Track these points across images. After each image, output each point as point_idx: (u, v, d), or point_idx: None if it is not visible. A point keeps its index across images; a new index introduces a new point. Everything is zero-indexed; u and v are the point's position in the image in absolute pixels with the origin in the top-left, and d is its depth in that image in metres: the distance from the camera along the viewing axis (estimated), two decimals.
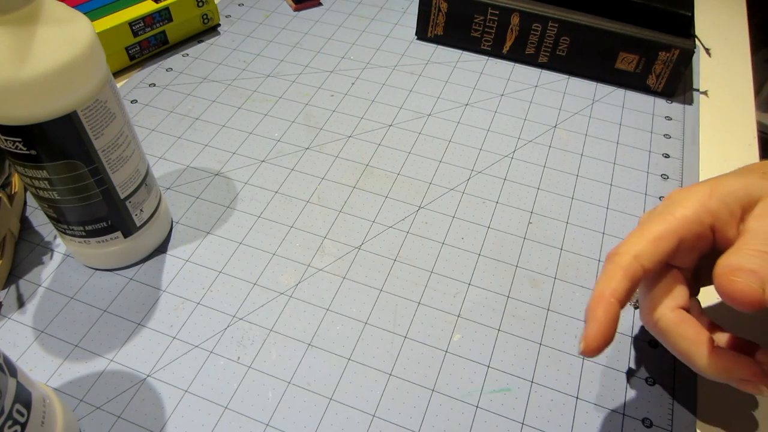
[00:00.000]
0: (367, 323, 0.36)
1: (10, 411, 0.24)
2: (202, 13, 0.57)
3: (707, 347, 0.28)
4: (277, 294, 0.38)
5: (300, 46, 0.58)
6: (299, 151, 0.47)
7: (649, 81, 0.52)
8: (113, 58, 0.53)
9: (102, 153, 0.32)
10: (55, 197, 0.33)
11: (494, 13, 0.53)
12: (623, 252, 0.28)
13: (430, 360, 0.35)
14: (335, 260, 0.39)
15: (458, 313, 0.37)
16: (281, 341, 0.35)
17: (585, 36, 0.52)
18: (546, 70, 0.55)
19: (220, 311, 0.37)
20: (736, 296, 0.25)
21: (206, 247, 0.40)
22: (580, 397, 0.33)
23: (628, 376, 0.34)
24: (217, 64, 0.55)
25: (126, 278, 0.38)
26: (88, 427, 0.32)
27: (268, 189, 0.44)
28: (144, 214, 0.37)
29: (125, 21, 0.52)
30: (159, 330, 0.36)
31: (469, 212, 0.43)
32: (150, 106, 0.51)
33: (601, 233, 0.41)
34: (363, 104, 0.51)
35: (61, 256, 0.39)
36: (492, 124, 0.50)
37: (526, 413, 0.33)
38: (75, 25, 0.29)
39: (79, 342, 0.35)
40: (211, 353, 0.35)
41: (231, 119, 0.50)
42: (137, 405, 0.32)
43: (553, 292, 0.38)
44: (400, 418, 0.32)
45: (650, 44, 0.50)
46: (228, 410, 0.32)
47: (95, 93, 0.30)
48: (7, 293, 0.37)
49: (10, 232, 0.39)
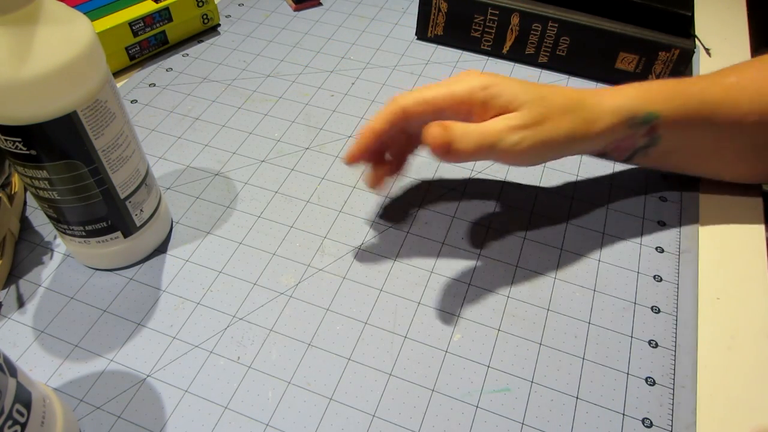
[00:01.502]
0: (367, 323, 0.36)
1: (10, 411, 0.24)
2: (202, 13, 0.57)
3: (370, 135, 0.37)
4: (277, 294, 0.38)
5: (300, 46, 0.58)
6: (299, 151, 0.47)
7: None
8: (113, 58, 0.53)
9: (102, 153, 0.32)
10: (55, 197, 0.33)
11: (494, 13, 0.53)
12: (398, 101, 0.36)
13: (430, 360, 0.35)
14: (335, 260, 0.39)
15: (458, 313, 0.37)
16: (281, 341, 0.35)
17: (585, 36, 0.52)
18: (546, 70, 0.55)
19: (220, 311, 0.37)
20: (428, 140, 0.33)
21: (206, 247, 0.40)
22: (580, 397, 0.33)
23: (628, 376, 0.34)
24: (217, 64, 0.55)
25: (126, 278, 0.38)
26: (88, 427, 0.32)
27: (268, 189, 0.44)
28: (144, 214, 0.37)
29: (125, 21, 0.52)
30: (159, 330, 0.36)
31: (469, 212, 0.43)
32: (150, 106, 0.51)
33: (601, 233, 0.41)
34: (363, 104, 0.51)
35: (61, 256, 0.39)
36: None
37: (526, 413, 0.33)
38: (75, 25, 0.29)
39: (79, 342, 0.35)
40: (211, 353, 0.35)
41: (231, 119, 0.50)
42: (137, 405, 0.32)
43: (553, 292, 0.38)
44: (400, 418, 0.32)
45: (650, 44, 0.50)
46: (228, 410, 0.32)
47: (95, 93, 0.30)
48: (7, 293, 0.37)
49: (10, 232, 0.39)
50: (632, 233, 0.42)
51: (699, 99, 0.38)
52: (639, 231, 0.42)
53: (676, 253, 0.40)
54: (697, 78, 0.39)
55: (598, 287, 0.38)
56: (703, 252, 0.41)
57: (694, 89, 0.38)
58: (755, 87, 0.38)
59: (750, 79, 0.38)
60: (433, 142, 0.32)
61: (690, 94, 0.38)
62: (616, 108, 0.36)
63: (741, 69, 0.39)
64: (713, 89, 0.38)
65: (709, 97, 0.38)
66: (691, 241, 0.41)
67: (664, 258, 0.40)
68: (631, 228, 0.42)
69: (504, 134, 0.34)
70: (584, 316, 0.37)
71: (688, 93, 0.38)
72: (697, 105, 0.38)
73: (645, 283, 0.39)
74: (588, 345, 0.35)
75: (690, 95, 0.38)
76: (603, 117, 0.36)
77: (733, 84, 0.38)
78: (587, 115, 0.36)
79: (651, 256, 0.40)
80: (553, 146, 0.35)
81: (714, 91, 0.38)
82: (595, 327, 0.36)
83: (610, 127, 0.36)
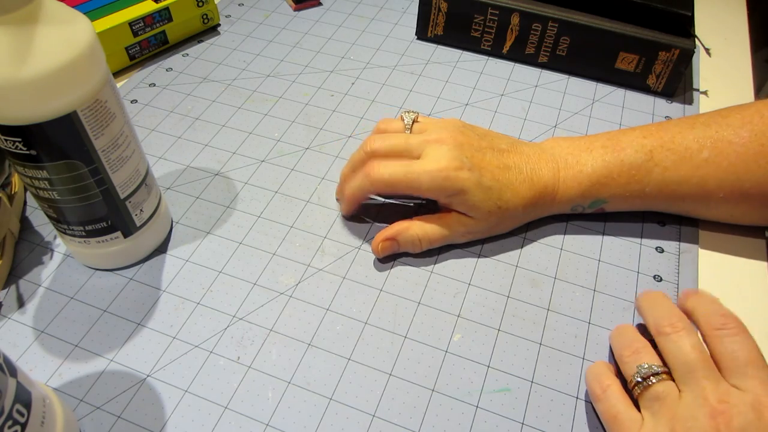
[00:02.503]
0: (367, 323, 0.36)
1: (10, 411, 0.24)
2: (202, 13, 0.57)
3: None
4: (277, 294, 0.38)
5: (300, 46, 0.58)
6: (299, 151, 0.47)
7: (649, 81, 0.52)
8: (113, 58, 0.53)
9: (102, 153, 0.32)
10: (55, 197, 0.33)
11: (494, 13, 0.53)
12: (370, 176, 0.37)
13: (430, 360, 0.35)
14: (335, 260, 0.39)
15: (458, 313, 0.37)
16: (281, 341, 0.35)
17: (585, 36, 0.52)
18: (546, 70, 0.55)
19: (220, 311, 0.37)
20: (373, 249, 0.39)
21: (206, 247, 0.40)
22: (580, 397, 0.33)
23: None
24: (217, 64, 0.55)
25: (126, 278, 0.38)
26: (88, 427, 0.32)
27: (268, 189, 0.44)
28: (144, 214, 0.37)
29: (125, 21, 0.52)
30: (159, 330, 0.36)
31: None
32: (150, 106, 0.51)
33: (600, 233, 0.41)
34: (363, 104, 0.51)
35: (61, 256, 0.39)
36: (492, 124, 0.50)
37: (526, 413, 0.33)
38: (75, 25, 0.29)
39: (79, 342, 0.35)
40: (211, 353, 0.35)
41: (231, 119, 0.50)
42: (137, 405, 0.32)
43: (553, 292, 0.38)
44: (400, 418, 0.32)
45: (650, 44, 0.50)
46: (228, 410, 0.32)
47: (95, 93, 0.30)
48: (7, 293, 0.37)
49: (10, 232, 0.39)
50: (632, 233, 0.42)
51: (659, 180, 0.38)
52: (639, 231, 0.42)
53: (676, 253, 0.40)
54: (671, 142, 0.38)
55: (598, 287, 0.38)
56: (703, 252, 0.41)
57: (656, 171, 0.37)
58: (727, 164, 0.36)
59: (724, 154, 0.37)
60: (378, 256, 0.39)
61: (650, 179, 0.38)
62: (566, 201, 0.40)
63: (719, 138, 0.37)
64: (680, 169, 0.37)
65: (672, 177, 0.37)
66: (691, 241, 0.41)
67: (664, 258, 0.40)
68: (631, 228, 0.42)
69: (458, 236, 0.39)
70: (584, 316, 0.37)
71: (646, 180, 0.38)
72: (655, 188, 0.38)
73: (645, 283, 0.39)
74: (588, 345, 0.35)
75: (649, 180, 0.38)
76: (552, 209, 0.40)
77: (703, 161, 0.37)
78: (539, 212, 0.40)
79: (651, 256, 0.40)
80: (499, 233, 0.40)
81: (680, 170, 0.37)
82: (595, 327, 0.36)
83: (553, 212, 0.41)
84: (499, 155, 0.38)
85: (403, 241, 0.38)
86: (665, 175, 0.38)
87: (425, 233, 0.38)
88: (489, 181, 0.37)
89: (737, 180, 0.36)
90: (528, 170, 0.38)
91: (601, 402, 0.30)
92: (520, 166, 0.38)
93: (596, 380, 0.31)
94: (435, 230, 0.38)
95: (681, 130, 0.38)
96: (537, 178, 0.38)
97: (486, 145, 0.38)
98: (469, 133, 0.39)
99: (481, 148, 0.38)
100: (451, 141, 0.37)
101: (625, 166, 0.38)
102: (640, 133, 0.39)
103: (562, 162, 0.39)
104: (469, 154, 0.37)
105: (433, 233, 0.38)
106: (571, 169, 0.39)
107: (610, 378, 0.31)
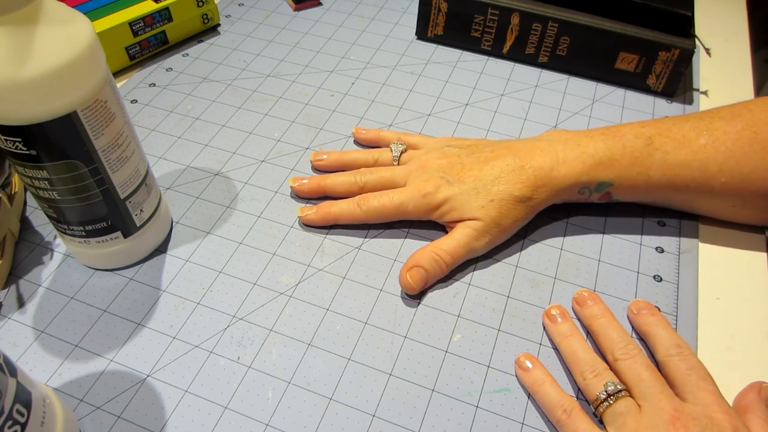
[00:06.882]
0: (367, 323, 0.36)
1: (10, 411, 0.24)
2: (202, 13, 0.57)
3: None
4: (277, 294, 0.38)
5: (300, 46, 0.58)
6: (299, 151, 0.47)
7: (649, 81, 0.52)
8: (113, 58, 0.53)
9: (102, 153, 0.32)
10: (55, 197, 0.33)
11: (494, 13, 0.53)
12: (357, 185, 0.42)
13: (430, 360, 0.35)
14: (335, 260, 0.39)
15: (458, 313, 0.37)
16: (281, 341, 0.35)
17: (585, 36, 0.52)
18: (546, 70, 0.55)
19: (220, 311, 0.37)
20: (403, 285, 0.37)
21: (206, 247, 0.40)
22: (579, 397, 0.33)
23: None
24: (217, 64, 0.55)
25: (126, 278, 0.38)
26: (88, 427, 0.32)
27: (268, 189, 0.44)
28: (144, 214, 0.37)
29: (125, 21, 0.52)
30: (159, 330, 0.36)
31: None
32: (150, 106, 0.51)
33: (600, 233, 0.41)
34: (363, 104, 0.51)
35: (61, 256, 0.39)
36: (492, 124, 0.50)
37: (526, 413, 0.33)
38: (75, 25, 0.29)
39: (79, 342, 0.35)
40: (211, 353, 0.35)
41: (231, 119, 0.50)
42: (137, 405, 0.32)
43: (553, 292, 0.38)
44: (400, 418, 0.32)
45: (650, 44, 0.50)
46: (228, 410, 0.32)
47: (95, 93, 0.30)
48: (7, 293, 0.37)
49: (10, 232, 0.39)
50: (632, 233, 0.42)
51: (662, 162, 0.38)
52: (639, 231, 0.42)
53: (676, 253, 0.40)
54: (669, 131, 0.39)
55: (598, 287, 0.38)
56: (703, 252, 0.41)
57: (658, 154, 0.38)
58: (725, 149, 0.37)
59: (720, 141, 0.38)
60: (413, 287, 0.37)
61: (653, 161, 0.38)
62: (571, 181, 0.39)
63: (714, 127, 0.38)
64: (680, 153, 0.38)
65: (674, 160, 0.38)
66: (691, 241, 0.41)
67: (664, 258, 0.40)
68: (631, 228, 0.42)
69: (472, 242, 0.38)
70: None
71: (649, 162, 0.38)
72: (658, 171, 0.38)
73: (645, 283, 0.39)
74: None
75: (652, 162, 0.38)
76: (559, 193, 0.39)
77: (702, 147, 0.38)
78: (543, 198, 0.39)
79: (651, 256, 0.40)
80: (516, 227, 0.40)
81: (681, 153, 0.38)
82: None
83: (561, 197, 0.40)
84: (483, 159, 0.40)
85: (426, 263, 0.37)
86: (667, 158, 0.38)
87: (440, 248, 0.38)
88: (472, 183, 0.39)
89: (736, 165, 0.37)
90: (519, 159, 0.39)
91: (567, 426, 0.31)
92: (508, 159, 0.39)
93: (558, 406, 0.32)
94: (449, 243, 0.38)
95: (676, 122, 0.39)
96: (529, 164, 0.39)
97: (468, 157, 0.40)
98: (451, 152, 0.41)
99: (462, 161, 0.40)
100: (433, 164, 0.40)
101: (627, 149, 0.38)
102: (638, 123, 0.40)
103: (560, 145, 0.39)
104: (450, 171, 0.40)
105: (447, 246, 0.38)
106: (572, 150, 0.39)
107: (570, 402, 0.32)
